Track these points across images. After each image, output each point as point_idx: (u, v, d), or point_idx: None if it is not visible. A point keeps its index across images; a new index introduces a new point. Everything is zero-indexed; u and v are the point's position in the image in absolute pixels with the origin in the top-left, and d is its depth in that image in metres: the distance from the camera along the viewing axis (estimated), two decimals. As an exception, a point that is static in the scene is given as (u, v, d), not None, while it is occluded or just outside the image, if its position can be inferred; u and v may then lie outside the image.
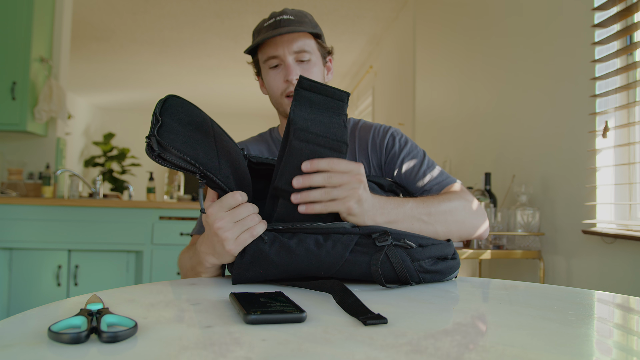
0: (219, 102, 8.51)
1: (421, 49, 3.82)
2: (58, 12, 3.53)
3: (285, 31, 1.04)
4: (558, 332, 0.56)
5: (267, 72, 1.13)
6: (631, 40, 1.73)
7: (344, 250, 0.78)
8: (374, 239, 0.79)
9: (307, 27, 1.09)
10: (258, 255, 0.78)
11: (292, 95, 1.04)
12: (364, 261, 0.79)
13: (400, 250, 0.80)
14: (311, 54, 1.10)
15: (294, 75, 1.07)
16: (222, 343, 0.49)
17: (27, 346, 0.47)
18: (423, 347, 0.49)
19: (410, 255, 0.80)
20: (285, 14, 1.09)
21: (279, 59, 1.09)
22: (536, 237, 2.08)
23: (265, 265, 0.78)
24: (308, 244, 0.78)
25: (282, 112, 1.15)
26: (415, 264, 0.80)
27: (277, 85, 1.11)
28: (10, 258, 2.96)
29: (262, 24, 1.11)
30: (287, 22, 1.07)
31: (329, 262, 0.78)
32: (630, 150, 1.74)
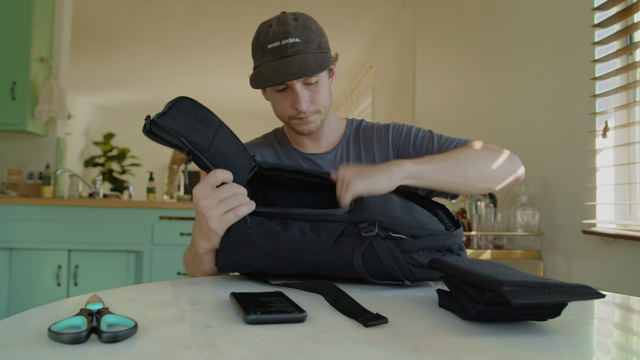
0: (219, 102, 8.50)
1: (421, 49, 3.82)
2: (58, 12, 3.53)
3: (295, 75, 0.97)
4: (558, 332, 0.56)
5: (272, 94, 1.09)
6: (631, 40, 1.73)
7: (329, 239, 0.77)
8: (360, 229, 0.77)
9: (313, 49, 1.02)
10: (241, 238, 0.78)
11: (301, 118, 1.07)
12: (347, 252, 0.77)
13: (388, 241, 0.76)
14: (319, 76, 1.05)
15: (303, 105, 1.03)
16: (222, 343, 0.49)
17: (27, 346, 0.47)
18: (423, 348, 0.49)
19: (400, 247, 0.76)
20: (290, 35, 1.00)
21: (285, 84, 1.04)
22: (536, 237, 2.08)
23: (248, 249, 0.78)
24: (293, 230, 0.78)
25: (291, 129, 1.13)
26: (406, 256, 0.76)
27: (284, 109, 1.07)
28: (10, 258, 2.96)
29: (264, 39, 1.03)
30: (294, 47, 1.00)
31: (311, 250, 0.77)
32: (630, 150, 1.74)
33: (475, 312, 0.56)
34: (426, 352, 0.47)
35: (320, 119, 1.10)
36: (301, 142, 1.18)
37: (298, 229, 0.79)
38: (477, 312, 0.55)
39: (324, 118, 1.11)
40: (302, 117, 1.07)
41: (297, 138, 1.18)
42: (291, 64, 0.99)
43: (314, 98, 1.06)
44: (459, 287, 0.62)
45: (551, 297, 0.51)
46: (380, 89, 5.08)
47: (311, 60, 1.00)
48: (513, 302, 0.49)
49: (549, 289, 0.51)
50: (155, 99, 8.35)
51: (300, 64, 0.99)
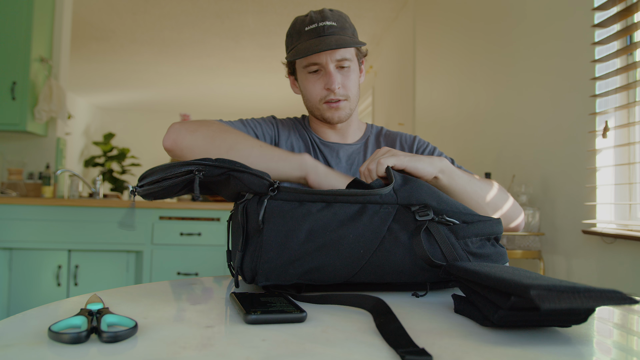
0: (219, 102, 8.51)
1: (421, 49, 3.82)
2: (58, 12, 3.53)
3: (335, 45, 1.02)
4: (558, 332, 0.56)
5: (305, 77, 1.12)
6: (631, 40, 1.73)
7: (382, 224, 0.71)
8: (413, 212, 0.72)
9: (348, 34, 1.09)
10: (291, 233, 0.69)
11: (332, 102, 1.09)
12: (403, 239, 0.71)
13: (442, 227, 0.72)
14: (351, 61, 1.11)
15: (336, 85, 1.08)
16: (222, 343, 0.49)
17: (27, 346, 0.47)
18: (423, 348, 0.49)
19: (455, 233, 0.73)
20: (327, 19, 1.07)
21: (319, 65, 1.08)
22: (536, 237, 2.08)
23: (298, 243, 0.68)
24: (341, 215, 0.70)
25: (319, 117, 1.15)
26: (460, 242, 0.73)
27: (316, 91, 1.11)
28: (10, 258, 2.96)
29: (300, 25, 1.09)
30: (331, 29, 1.06)
31: (366, 236, 0.69)
32: (630, 150, 1.74)
33: (498, 318, 0.53)
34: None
35: (349, 108, 1.13)
36: (325, 134, 1.20)
37: (346, 213, 0.71)
38: (500, 318, 0.53)
39: (352, 107, 1.14)
40: (333, 100, 1.10)
41: (321, 129, 1.20)
42: (329, 39, 1.04)
43: (345, 83, 1.10)
44: (476, 292, 0.59)
45: (581, 302, 0.48)
46: (380, 89, 5.08)
47: (347, 39, 1.06)
48: (542, 307, 0.46)
49: (578, 293, 0.49)
50: (155, 99, 8.35)
51: (338, 40, 1.04)
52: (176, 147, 0.97)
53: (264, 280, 0.68)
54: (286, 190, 0.71)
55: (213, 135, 0.96)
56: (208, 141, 0.96)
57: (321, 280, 0.71)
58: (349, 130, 1.20)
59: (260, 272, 0.68)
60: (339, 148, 1.18)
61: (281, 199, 0.70)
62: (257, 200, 0.70)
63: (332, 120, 1.13)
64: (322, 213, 0.70)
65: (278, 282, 0.69)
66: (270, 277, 0.68)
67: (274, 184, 0.70)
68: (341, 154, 1.18)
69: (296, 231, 0.69)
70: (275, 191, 0.70)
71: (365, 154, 1.20)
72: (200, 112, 8.97)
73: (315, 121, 1.20)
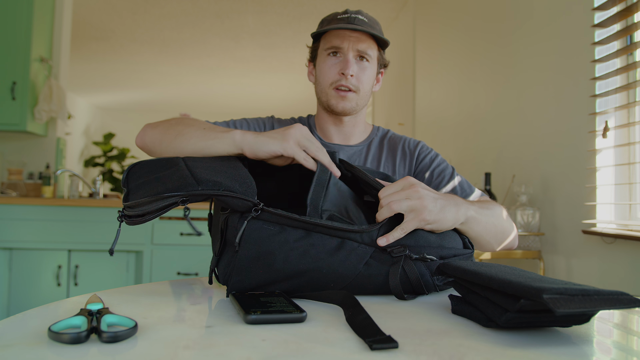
0: (219, 102, 8.51)
1: (421, 49, 3.82)
2: (58, 12, 3.53)
3: (361, 28, 1.07)
4: (558, 332, 0.56)
5: (324, 58, 1.14)
6: (631, 40, 1.73)
7: (359, 262, 0.72)
8: (389, 252, 0.73)
9: (376, 30, 1.12)
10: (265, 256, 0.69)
11: (341, 89, 1.10)
12: (379, 274, 0.72)
13: (418, 263, 0.74)
14: (371, 58, 1.13)
15: (350, 71, 1.09)
16: (222, 343, 0.49)
17: (27, 346, 0.47)
18: (423, 348, 0.49)
19: (430, 269, 0.74)
20: (361, 14, 1.11)
21: (341, 50, 1.11)
22: (536, 237, 2.08)
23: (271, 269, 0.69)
24: (319, 248, 0.71)
25: (325, 103, 1.16)
26: (434, 278, 0.74)
27: (330, 73, 1.12)
28: (10, 258, 2.96)
29: (334, 15, 1.13)
30: (361, 22, 1.10)
31: (341, 273, 0.71)
32: (630, 150, 1.74)
33: (505, 320, 0.53)
34: (426, 353, 0.47)
35: (356, 101, 1.13)
36: (328, 134, 1.20)
37: (324, 247, 0.71)
38: (507, 320, 0.53)
39: (360, 103, 1.15)
40: (343, 87, 1.11)
41: (326, 126, 1.20)
42: (359, 26, 1.09)
43: (360, 75, 1.12)
44: (475, 293, 0.59)
45: (593, 305, 0.49)
46: (380, 89, 5.08)
47: (374, 30, 1.10)
48: (557, 311, 0.46)
49: (589, 296, 0.49)
50: (155, 99, 8.35)
51: (365, 27, 1.09)
52: (142, 143, 1.00)
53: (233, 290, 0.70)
54: (269, 212, 0.69)
55: (168, 127, 0.96)
56: (163, 132, 0.96)
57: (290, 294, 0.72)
58: (354, 130, 1.20)
59: (231, 285, 0.69)
60: (339, 150, 1.19)
61: (263, 219, 0.70)
62: (239, 217, 0.70)
63: (337, 109, 1.13)
64: (299, 243, 0.70)
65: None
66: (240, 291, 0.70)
67: (258, 205, 0.69)
68: (341, 155, 1.18)
69: (269, 259, 0.69)
70: (259, 211, 0.69)
71: (367, 156, 1.20)
72: (201, 112, 8.97)
73: (320, 119, 1.20)
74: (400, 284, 0.72)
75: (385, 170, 1.19)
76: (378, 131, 1.25)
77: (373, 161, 1.19)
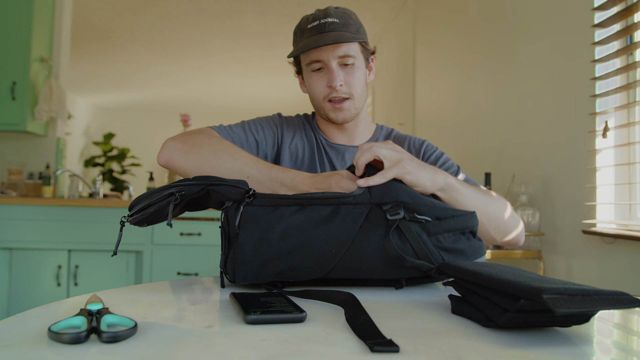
0: (219, 102, 8.51)
1: (421, 49, 3.82)
2: (58, 12, 3.53)
3: (332, 41, 1.02)
4: (558, 332, 0.56)
5: (309, 75, 1.12)
6: (631, 40, 1.73)
7: (354, 224, 0.73)
8: (385, 212, 0.74)
9: (351, 30, 1.07)
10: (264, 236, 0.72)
11: (335, 100, 1.08)
12: (374, 238, 0.73)
13: (414, 224, 0.74)
14: (355, 58, 1.09)
15: (337, 82, 1.07)
16: (222, 343, 0.49)
17: (27, 346, 0.47)
18: (423, 348, 0.49)
19: (426, 230, 0.74)
20: (330, 15, 1.07)
21: (322, 62, 1.08)
22: (536, 237, 2.08)
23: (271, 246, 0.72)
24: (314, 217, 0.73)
25: (323, 116, 1.14)
26: (432, 238, 0.74)
27: (319, 89, 1.10)
28: (10, 258, 2.96)
29: (305, 23, 1.10)
30: (332, 25, 1.06)
31: (338, 236, 0.72)
32: (630, 150, 1.74)
33: (505, 320, 0.53)
34: (426, 353, 0.47)
35: (354, 107, 1.11)
36: (332, 135, 1.19)
37: (319, 215, 0.74)
38: (507, 320, 0.53)
39: (357, 106, 1.12)
40: (336, 99, 1.09)
41: (328, 129, 1.19)
42: (327, 35, 1.04)
43: (349, 80, 1.09)
44: (475, 293, 0.59)
45: (593, 305, 0.49)
46: (380, 89, 5.08)
47: (348, 35, 1.05)
48: (557, 311, 0.46)
49: (589, 296, 0.49)
50: (155, 99, 8.35)
51: (337, 36, 1.04)
52: (170, 167, 1.00)
53: (242, 280, 0.72)
54: (262, 196, 0.74)
55: (204, 160, 0.97)
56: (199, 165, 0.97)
57: (295, 279, 0.74)
58: (357, 130, 1.19)
59: (237, 273, 0.72)
60: (345, 150, 1.18)
61: (257, 204, 0.74)
62: (235, 207, 0.74)
63: (337, 121, 1.12)
64: (295, 216, 0.74)
65: (255, 282, 0.73)
66: (247, 277, 0.72)
67: (250, 191, 0.74)
68: (347, 157, 1.17)
69: (269, 234, 0.72)
70: (252, 197, 0.74)
71: None
72: (200, 112, 8.97)
73: (322, 120, 1.20)
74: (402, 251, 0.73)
75: None
76: (382, 130, 1.24)
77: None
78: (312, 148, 1.18)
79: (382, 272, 0.75)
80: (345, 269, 0.74)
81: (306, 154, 1.18)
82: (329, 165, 1.17)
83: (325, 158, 1.17)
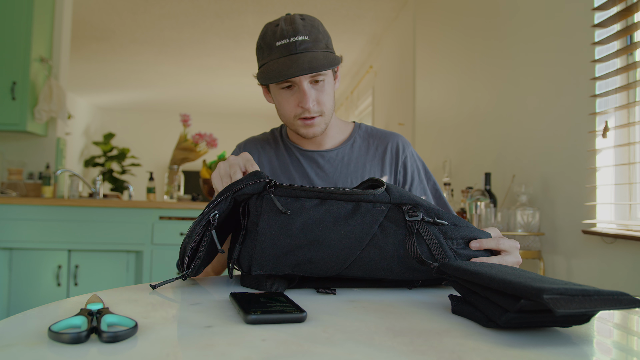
0: (219, 102, 8.51)
1: (421, 49, 3.82)
2: (58, 12, 3.53)
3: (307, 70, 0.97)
4: (558, 332, 0.56)
5: (278, 92, 1.07)
6: (631, 40, 1.73)
7: (373, 222, 0.74)
8: (404, 212, 0.75)
9: (321, 47, 1.03)
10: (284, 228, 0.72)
11: (307, 118, 1.05)
12: (394, 239, 0.74)
13: (432, 226, 0.76)
14: (325, 75, 1.06)
15: (310, 103, 1.03)
16: (222, 343, 0.49)
17: (27, 346, 0.47)
18: (423, 348, 0.49)
19: (443, 233, 0.76)
20: (299, 33, 1.01)
21: (292, 82, 1.04)
22: (536, 237, 2.08)
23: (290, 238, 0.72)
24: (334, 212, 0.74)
25: (294, 131, 1.13)
26: (448, 242, 0.76)
27: (290, 108, 1.07)
28: (10, 258, 2.96)
29: (271, 37, 1.03)
30: (303, 45, 1.00)
31: (357, 233, 0.73)
32: (630, 150, 1.74)
33: (505, 320, 0.53)
34: (426, 353, 0.47)
35: (324, 122, 1.10)
36: (301, 141, 1.18)
37: (339, 211, 0.74)
38: (507, 320, 0.53)
39: (327, 121, 1.11)
40: (307, 117, 1.06)
41: (299, 138, 1.18)
42: (301, 59, 0.99)
43: (320, 98, 1.06)
44: (475, 293, 0.59)
45: (593, 305, 0.49)
46: (380, 89, 5.08)
47: (321, 57, 1.01)
48: (558, 312, 0.46)
49: (589, 297, 0.49)
50: (155, 99, 8.35)
51: (311, 60, 0.99)
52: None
53: (258, 269, 0.72)
54: (283, 187, 0.75)
55: None
56: None
57: (312, 273, 0.74)
58: (325, 139, 1.17)
59: (254, 262, 0.72)
60: (318, 157, 1.16)
61: (279, 194, 0.75)
62: (256, 198, 0.75)
63: (307, 136, 1.10)
64: (316, 209, 0.74)
65: (271, 272, 0.73)
66: (264, 267, 0.72)
67: (271, 182, 0.75)
68: (321, 162, 1.16)
69: (290, 224, 0.73)
70: (273, 187, 0.74)
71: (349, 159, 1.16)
72: (200, 112, 8.97)
73: (291, 131, 1.19)
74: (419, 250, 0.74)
75: (372, 170, 1.17)
76: (359, 129, 1.22)
77: (358, 162, 1.16)
78: (283, 160, 1.17)
79: (398, 274, 0.75)
80: (362, 267, 0.74)
81: (277, 167, 1.17)
82: (303, 172, 1.15)
83: (298, 165, 1.16)
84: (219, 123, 8.98)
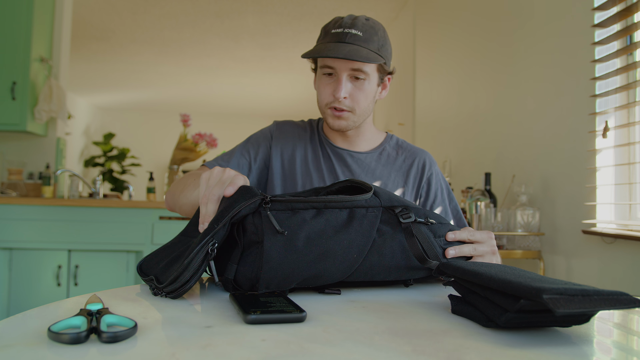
0: (219, 102, 8.51)
1: (421, 49, 3.82)
2: (58, 12, 3.53)
3: (343, 55, 1.01)
4: (558, 332, 0.56)
5: (320, 77, 1.12)
6: (631, 40, 1.73)
7: (371, 228, 0.75)
8: (396, 215, 0.76)
9: (371, 47, 1.05)
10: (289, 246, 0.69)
11: (337, 109, 1.08)
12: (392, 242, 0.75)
13: (422, 226, 0.78)
14: (367, 75, 1.08)
15: (342, 94, 1.07)
16: (222, 343, 0.49)
17: (27, 346, 0.47)
18: (423, 348, 0.49)
19: (432, 232, 0.79)
20: (355, 27, 1.05)
21: (334, 70, 1.08)
22: (536, 237, 2.08)
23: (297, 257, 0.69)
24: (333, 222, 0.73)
25: (324, 119, 1.15)
26: (437, 239, 0.79)
27: (325, 94, 1.11)
28: (10, 258, 2.96)
29: (332, 25, 1.08)
30: (353, 38, 1.04)
31: (358, 241, 0.73)
32: (630, 150, 1.74)
33: (505, 320, 0.53)
34: (426, 353, 0.47)
35: (353, 120, 1.12)
36: (333, 138, 1.21)
37: (337, 220, 0.74)
38: (507, 320, 0.53)
39: (357, 121, 1.13)
40: (337, 108, 1.09)
41: (331, 132, 1.21)
42: (343, 47, 1.03)
43: (355, 94, 1.09)
44: (475, 293, 0.59)
45: (593, 305, 0.49)
46: (380, 89, 5.07)
47: (363, 53, 1.03)
48: (557, 312, 0.46)
49: (589, 297, 0.49)
50: (155, 99, 8.35)
51: (352, 50, 1.02)
52: (168, 207, 1.14)
53: (264, 288, 0.70)
54: (278, 201, 0.72)
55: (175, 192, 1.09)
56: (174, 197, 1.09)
57: (316, 284, 0.73)
58: (358, 139, 1.20)
59: (261, 281, 0.69)
60: (347, 156, 1.19)
61: (275, 209, 0.72)
62: (253, 214, 0.71)
63: (333, 127, 1.13)
64: (316, 220, 0.73)
65: (277, 289, 0.71)
66: (270, 285, 0.70)
67: (266, 198, 0.71)
68: (349, 161, 1.18)
69: (294, 240, 0.70)
70: (269, 203, 0.71)
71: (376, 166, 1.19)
72: (200, 112, 8.97)
73: (325, 125, 1.22)
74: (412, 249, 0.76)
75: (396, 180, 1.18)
76: (391, 140, 1.24)
77: (383, 173, 1.19)
78: (315, 151, 1.19)
79: (396, 274, 0.77)
80: (363, 273, 0.75)
81: (309, 156, 1.19)
82: (331, 167, 1.18)
83: (328, 160, 1.19)
84: (219, 123, 8.99)
